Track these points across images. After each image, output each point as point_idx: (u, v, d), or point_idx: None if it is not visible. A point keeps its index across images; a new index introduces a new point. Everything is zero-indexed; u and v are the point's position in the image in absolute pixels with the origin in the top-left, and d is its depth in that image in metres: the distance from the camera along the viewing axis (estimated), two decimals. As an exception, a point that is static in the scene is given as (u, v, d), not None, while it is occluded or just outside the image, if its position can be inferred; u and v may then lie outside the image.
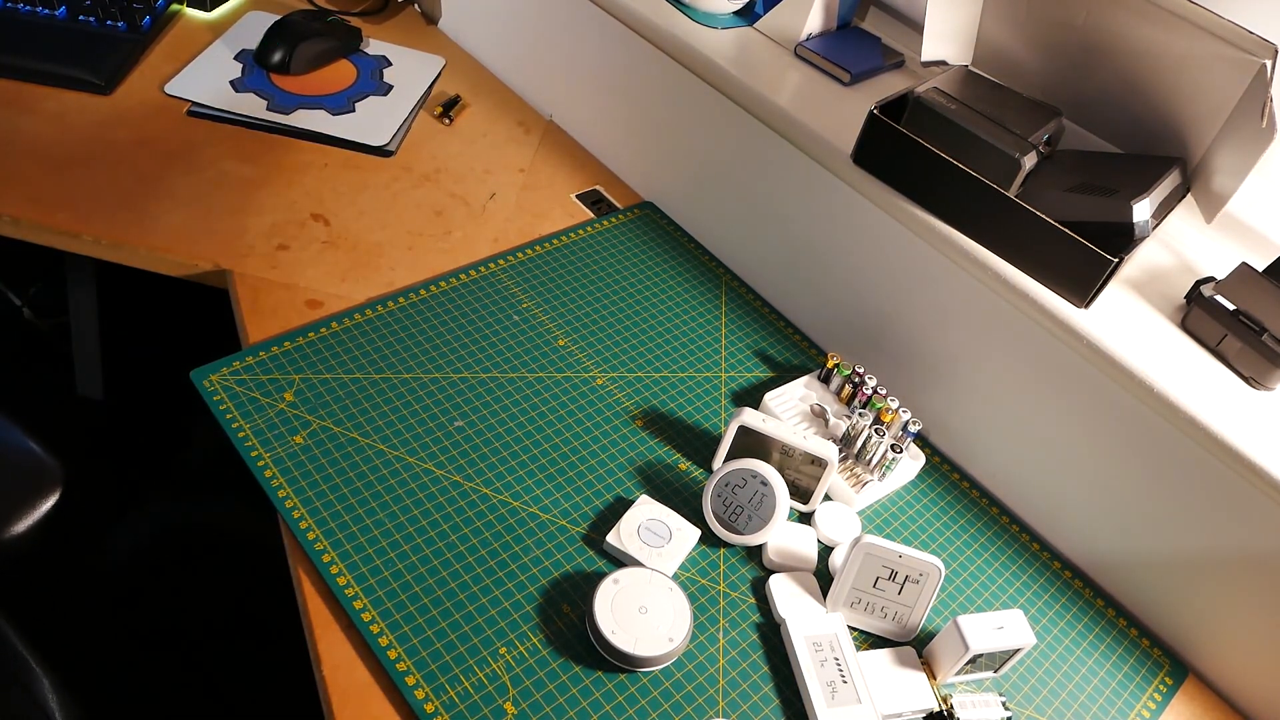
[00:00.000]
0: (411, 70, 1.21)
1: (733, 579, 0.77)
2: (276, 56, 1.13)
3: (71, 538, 0.96)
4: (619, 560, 0.76)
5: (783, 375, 0.95)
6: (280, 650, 0.89)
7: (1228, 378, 0.75)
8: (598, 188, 1.13)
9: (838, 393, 0.91)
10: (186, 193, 0.98)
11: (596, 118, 1.16)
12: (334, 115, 1.11)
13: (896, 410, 0.85)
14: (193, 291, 1.46)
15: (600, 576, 0.71)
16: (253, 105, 1.09)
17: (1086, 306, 0.76)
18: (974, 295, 0.83)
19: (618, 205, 1.11)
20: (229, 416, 0.79)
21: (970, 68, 0.92)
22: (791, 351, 0.98)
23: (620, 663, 0.68)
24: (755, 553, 0.79)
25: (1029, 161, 0.78)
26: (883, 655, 0.73)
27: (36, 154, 0.98)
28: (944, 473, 0.90)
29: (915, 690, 0.71)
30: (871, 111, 0.81)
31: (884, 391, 0.87)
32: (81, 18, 1.12)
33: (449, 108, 1.16)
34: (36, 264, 1.48)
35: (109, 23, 1.12)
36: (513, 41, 1.23)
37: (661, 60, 1.01)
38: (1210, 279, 0.78)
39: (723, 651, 0.72)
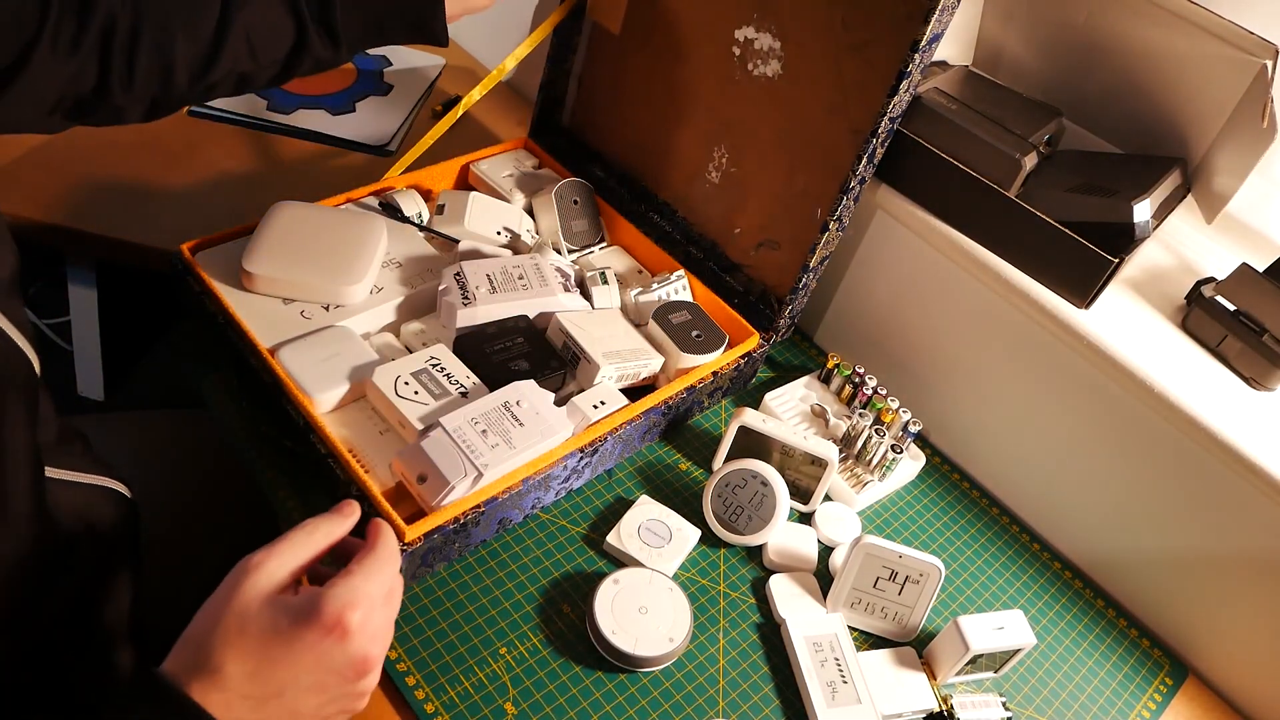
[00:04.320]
0: (411, 70, 1.21)
1: (733, 579, 0.77)
2: (276, 56, 1.13)
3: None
4: (619, 560, 0.76)
5: (783, 375, 0.95)
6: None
7: (1228, 378, 0.75)
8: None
9: (838, 393, 0.91)
10: (186, 193, 0.98)
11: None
12: (334, 115, 1.11)
13: (896, 410, 0.85)
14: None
15: (600, 576, 0.71)
16: (253, 105, 1.09)
17: (1087, 307, 0.76)
18: (974, 295, 0.83)
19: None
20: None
21: (970, 68, 0.92)
22: (791, 351, 0.98)
23: (620, 663, 0.68)
24: (755, 553, 0.79)
25: (1029, 161, 0.78)
26: (883, 655, 0.73)
27: (36, 154, 0.98)
28: (944, 473, 0.90)
29: (915, 690, 0.71)
30: (872, 111, 0.81)
31: (884, 391, 0.87)
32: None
33: (449, 107, 1.16)
34: (37, 264, 1.48)
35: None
36: (513, 41, 1.23)
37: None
38: (1210, 279, 0.78)
39: (723, 651, 0.72)
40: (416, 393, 0.71)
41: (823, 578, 0.78)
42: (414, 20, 0.74)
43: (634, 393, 0.80)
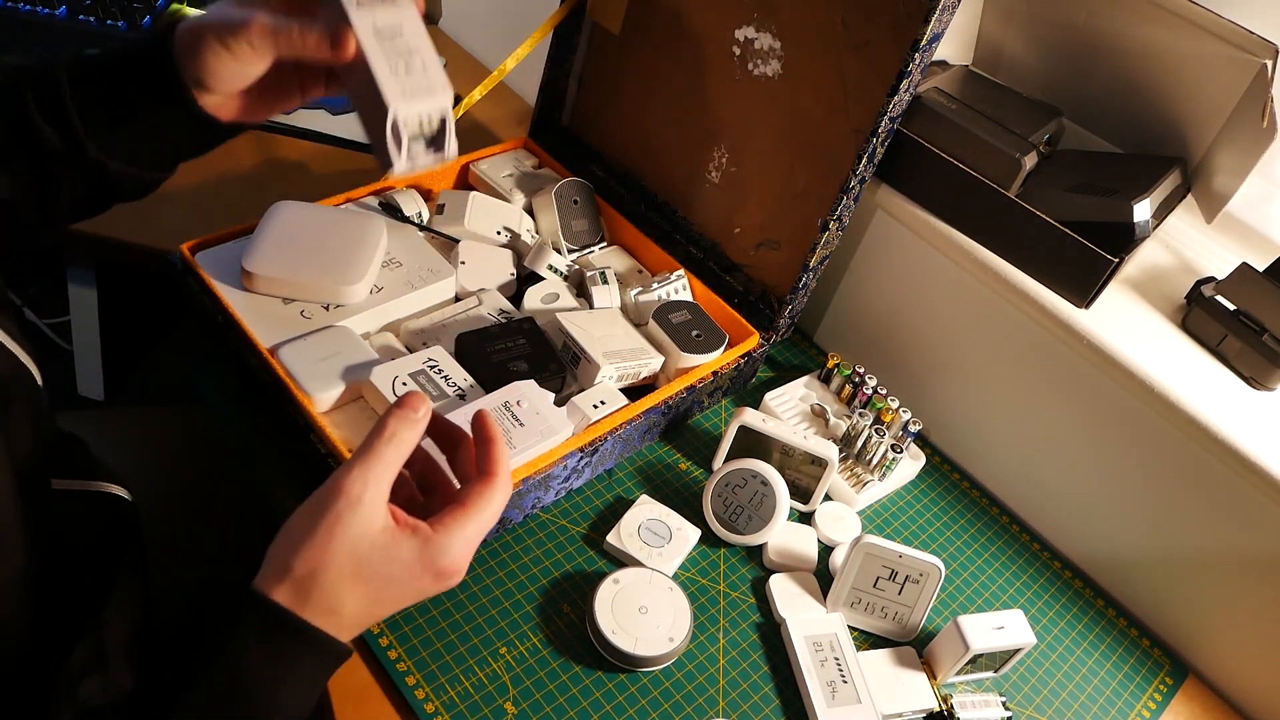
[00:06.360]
0: (411, 70, 1.21)
1: (733, 579, 0.77)
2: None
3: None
4: (619, 560, 0.76)
5: (783, 375, 0.95)
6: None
7: (1228, 378, 0.75)
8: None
9: (838, 393, 0.91)
10: (186, 193, 0.98)
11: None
12: (334, 115, 1.11)
13: (896, 410, 0.85)
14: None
15: (600, 576, 0.71)
16: (253, 105, 1.09)
17: (1087, 306, 0.76)
18: (974, 295, 0.83)
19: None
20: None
21: (970, 68, 0.92)
22: (791, 351, 0.98)
23: (620, 663, 0.68)
24: (755, 553, 0.79)
25: (1029, 161, 0.78)
26: (883, 655, 0.73)
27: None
28: (944, 473, 0.90)
29: (915, 690, 0.71)
30: (872, 111, 0.81)
31: (884, 391, 0.87)
32: (81, 17, 1.12)
33: (449, 107, 1.16)
34: (36, 264, 1.48)
35: (109, 22, 1.12)
36: (513, 41, 1.23)
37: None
38: (1210, 279, 0.78)
39: (723, 651, 0.72)
40: None
41: (823, 577, 0.78)
42: (152, 80, 0.58)
43: (634, 393, 0.80)
